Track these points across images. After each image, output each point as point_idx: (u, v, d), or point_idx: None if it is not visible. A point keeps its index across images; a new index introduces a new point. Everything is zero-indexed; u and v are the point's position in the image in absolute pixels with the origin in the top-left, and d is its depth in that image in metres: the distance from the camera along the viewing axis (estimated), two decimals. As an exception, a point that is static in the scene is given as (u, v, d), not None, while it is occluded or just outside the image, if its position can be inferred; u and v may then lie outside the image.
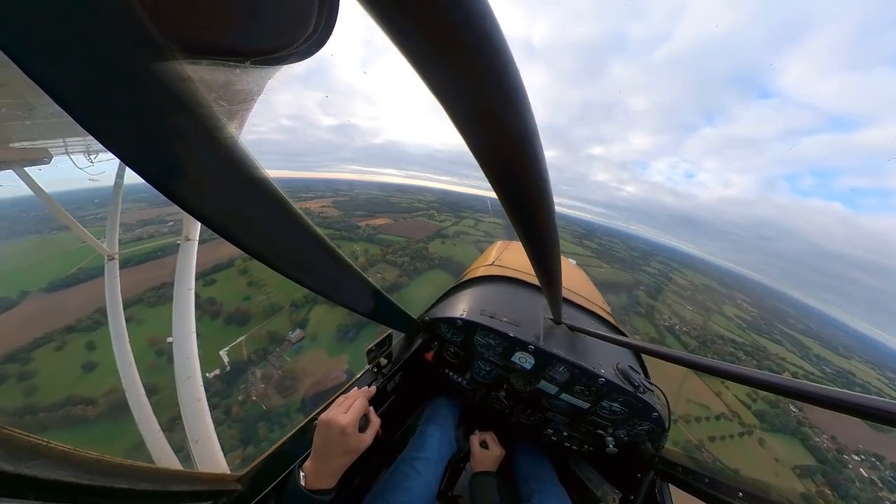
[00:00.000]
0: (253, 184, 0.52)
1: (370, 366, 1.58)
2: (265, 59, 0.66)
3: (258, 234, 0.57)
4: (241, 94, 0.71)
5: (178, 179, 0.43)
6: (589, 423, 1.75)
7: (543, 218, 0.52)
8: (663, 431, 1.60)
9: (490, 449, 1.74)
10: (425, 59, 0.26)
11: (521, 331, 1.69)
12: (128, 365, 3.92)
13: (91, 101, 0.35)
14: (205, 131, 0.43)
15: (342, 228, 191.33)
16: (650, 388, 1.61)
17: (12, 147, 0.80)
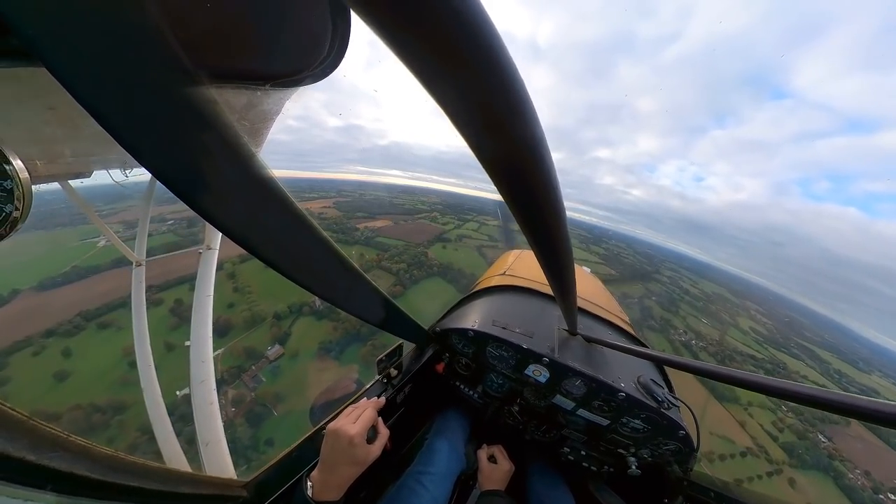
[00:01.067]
0: (270, 197, 0.55)
1: (380, 376, 1.56)
2: (284, 82, 0.71)
3: (274, 245, 0.59)
4: (261, 114, 0.77)
5: (202, 192, 0.47)
6: (609, 441, 1.63)
7: (555, 226, 0.51)
8: (691, 452, 1.46)
9: (499, 463, 1.65)
10: (433, 76, 0.27)
11: (534, 342, 1.63)
12: (147, 367, 4.06)
13: (129, 122, 0.39)
14: (228, 148, 0.47)
15: (339, 230, 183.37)
16: (675, 404, 1.48)
17: (60, 163, 0.89)
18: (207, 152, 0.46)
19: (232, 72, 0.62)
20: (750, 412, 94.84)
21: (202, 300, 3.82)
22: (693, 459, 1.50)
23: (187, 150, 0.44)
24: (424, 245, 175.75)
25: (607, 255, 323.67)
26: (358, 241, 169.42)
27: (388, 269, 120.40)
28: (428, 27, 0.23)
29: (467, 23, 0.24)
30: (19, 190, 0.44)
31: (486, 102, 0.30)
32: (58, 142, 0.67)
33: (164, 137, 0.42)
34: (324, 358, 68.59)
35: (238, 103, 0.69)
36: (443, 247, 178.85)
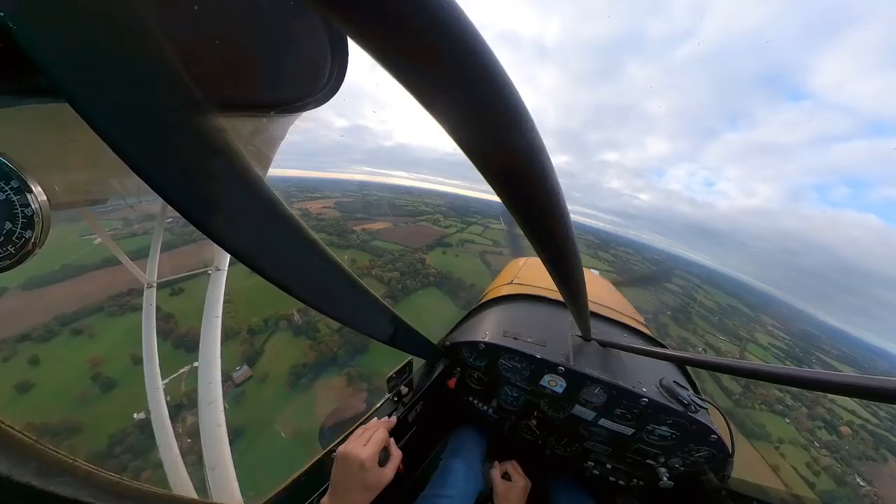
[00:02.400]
0: (277, 218, 0.57)
1: (390, 394, 1.51)
2: (287, 108, 0.76)
3: (282, 265, 0.61)
4: (267, 139, 0.82)
5: (212, 216, 0.49)
6: (635, 451, 1.53)
7: (560, 231, 0.51)
8: (727, 457, 1.36)
9: (514, 480, 1.55)
10: (429, 94, 0.29)
11: (548, 351, 1.58)
12: (155, 389, 4.06)
13: (144, 153, 0.42)
14: (236, 173, 0.50)
15: (335, 233, 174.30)
16: (702, 406, 1.39)
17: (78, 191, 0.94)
18: (217, 178, 0.48)
19: (239, 101, 0.66)
20: (782, 451, 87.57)
21: (210, 321, 3.86)
22: (730, 466, 1.39)
23: (198, 178, 0.47)
24: (423, 250, 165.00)
25: (616, 261, 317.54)
26: (353, 244, 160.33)
27: (380, 278, 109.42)
28: (421, 50, 0.24)
29: (459, 42, 0.25)
30: (39, 216, 0.47)
31: (482, 115, 0.31)
32: (77, 171, 0.71)
33: (176, 166, 0.45)
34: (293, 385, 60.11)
35: (245, 130, 0.73)
36: (442, 252, 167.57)
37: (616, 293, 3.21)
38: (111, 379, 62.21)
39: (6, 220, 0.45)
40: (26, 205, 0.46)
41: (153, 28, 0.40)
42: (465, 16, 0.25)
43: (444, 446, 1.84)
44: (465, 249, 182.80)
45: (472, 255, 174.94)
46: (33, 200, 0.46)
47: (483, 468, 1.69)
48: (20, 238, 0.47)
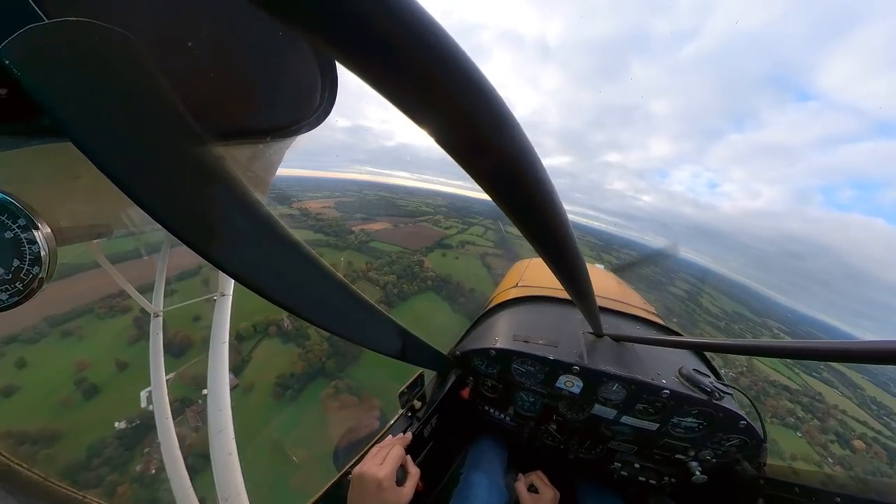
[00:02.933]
0: (278, 242, 0.58)
1: (403, 410, 1.48)
2: (282, 133, 0.78)
3: (285, 287, 0.61)
4: (264, 164, 0.84)
5: (215, 243, 0.50)
6: (663, 447, 1.47)
7: (558, 229, 0.51)
8: (760, 443, 1.31)
9: (541, 493, 1.48)
10: (418, 110, 0.30)
11: (561, 352, 1.54)
12: (164, 419, 4.02)
13: (146, 186, 0.43)
14: (236, 200, 0.51)
15: (333, 233, 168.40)
16: (727, 392, 1.34)
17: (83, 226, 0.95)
18: (218, 206, 0.50)
19: (235, 130, 0.68)
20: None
21: (218, 347, 3.85)
22: (764, 452, 1.32)
23: (200, 206, 0.48)
24: (422, 252, 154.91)
25: (620, 264, 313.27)
26: (350, 245, 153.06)
27: (375, 282, 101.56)
28: (404, 69, 0.26)
29: (442, 59, 0.27)
30: (45, 252, 0.49)
31: (471, 127, 0.32)
32: (82, 206, 0.74)
33: (178, 196, 0.46)
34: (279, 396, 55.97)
35: (243, 157, 0.76)
36: (442, 254, 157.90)
37: (623, 285, 3.17)
38: (95, 385, 60.02)
39: (14, 258, 0.47)
40: (33, 242, 0.47)
41: (150, 66, 0.42)
42: (445, 32, 0.26)
43: (464, 460, 1.78)
44: (465, 251, 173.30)
45: (472, 257, 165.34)
46: (40, 237, 0.48)
47: (505, 480, 1.63)
48: (28, 275, 0.48)
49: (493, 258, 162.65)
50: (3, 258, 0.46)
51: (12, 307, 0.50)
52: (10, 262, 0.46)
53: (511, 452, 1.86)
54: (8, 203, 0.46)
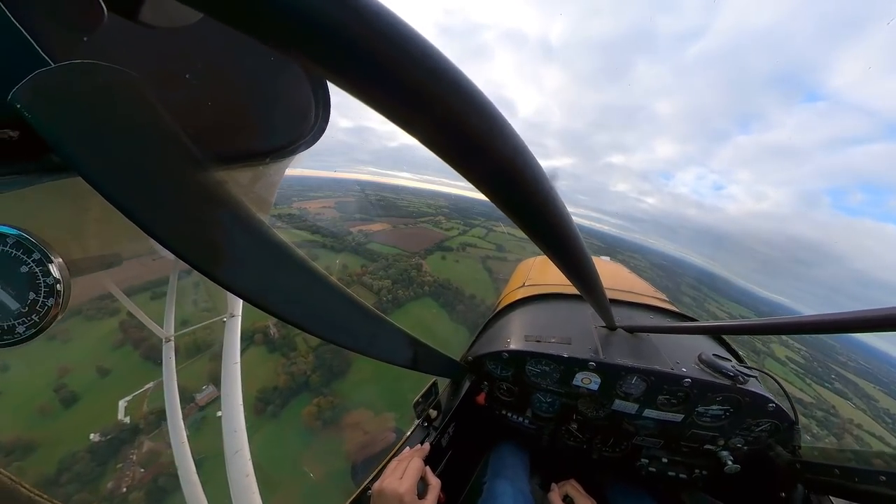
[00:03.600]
0: (284, 260, 0.59)
1: (419, 420, 1.45)
2: (281, 153, 0.81)
3: (293, 304, 0.62)
4: (265, 184, 0.87)
5: (222, 265, 0.51)
6: (690, 439, 1.42)
7: (560, 224, 0.51)
8: (791, 425, 1.25)
9: (577, 503, 1.41)
10: (409, 120, 0.30)
11: (575, 348, 1.51)
12: (180, 443, 4.03)
13: (154, 215, 0.45)
14: (240, 221, 0.53)
15: (330, 234, 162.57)
16: (751, 375, 1.29)
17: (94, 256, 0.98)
18: (223, 228, 0.51)
19: (236, 154, 0.71)
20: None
21: (230, 368, 3.88)
22: (797, 434, 1.26)
23: (206, 230, 0.50)
24: (421, 254, 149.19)
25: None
26: (346, 247, 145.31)
27: (369, 286, 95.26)
28: (396, 84, 0.27)
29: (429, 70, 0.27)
30: (60, 285, 0.50)
31: (462, 132, 0.32)
32: (92, 238, 0.76)
33: (184, 222, 0.48)
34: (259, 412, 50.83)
35: (244, 179, 0.78)
36: (441, 257, 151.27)
37: (632, 275, 3.13)
38: (74, 393, 56.90)
39: (30, 291, 0.48)
40: (48, 275, 0.49)
41: (152, 100, 0.44)
42: (429, 43, 0.27)
43: (485, 468, 1.73)
44: (466, 254, 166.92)
45: (473, 260, 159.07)
46: (54, 270, 0.49)
47: (530, 485, 1.57)
48: (43, 307, 0.49)
49: (495, 261, 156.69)
50: (20, 293, 0.48)
51: (30, 339, 0.51)
52: (26, 296, 0.48)
53: (533, 456, 1.81)
54: (23, 239, 0.48)
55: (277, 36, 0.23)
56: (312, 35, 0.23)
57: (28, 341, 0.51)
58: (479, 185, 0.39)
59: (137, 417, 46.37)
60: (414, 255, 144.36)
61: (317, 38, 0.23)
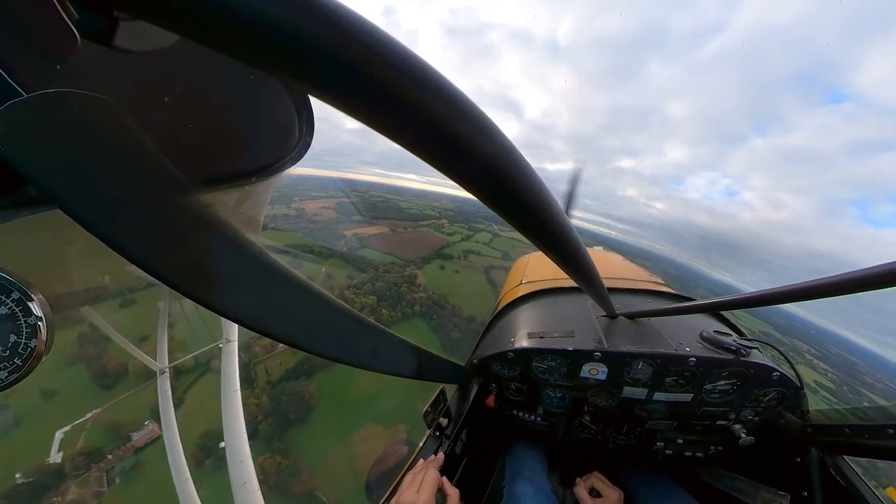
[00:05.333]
0: (277, 280, 0.58)
1: (430, 430, 1.43)
2: (267, 172, 0.80)
3: (291, 325, 0.61)
4: (253, 204, 0.86)
5: (215, 291, 0.49)
6: (702, 417, 1.45)
7: (552, 219, 0.51)
8: (798, 391, 1.29)
9: (605, 495, 1.42)
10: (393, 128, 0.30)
11: (578, 341, 1.52)
12: (183, 480, 3.89)
13: (138, 243, 0.43)
14: (230, 244, 0.51)
15: (320, 238, 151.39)
16: (752, 346, 1.33)
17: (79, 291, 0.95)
18: (213, 252, 0.50)
19: (221, 176, 0.70)
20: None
21: (230, 396, 3.77)
22: (805, 399, 1.30)
23: (195, 256, 0.48)
24: (417, 263, 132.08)
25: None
26: (336, 253, 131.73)
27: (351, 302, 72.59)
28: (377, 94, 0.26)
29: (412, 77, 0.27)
30: (43, 324, 0.48)
31: (448, 136, 0.32)
32: (76, 271, 0.73)
33: (171, 249, 0.46)
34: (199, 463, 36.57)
35: (231, 200, 0.77)
36: (440, 267, 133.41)
37: (627, 263, 3.18)
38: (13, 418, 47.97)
39: (10, 334, 0.46)
40: (29, 314, 0.47)
41: (130, 126, 0.43)
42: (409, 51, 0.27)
43: (502, 471, 1.73)
44: (467, 263, 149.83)
45: (475, 270, 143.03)
46: (36, 309, 0.47)
47: (550, 483, 1.57)
48: (26, 349, 0.47)
49: (500, 272, 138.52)
50: (1, 335, 0.45)
51: (13, 384, 0.48)
52: (6, 338, 0.46)
53: (549, 453, 1.81)
54: (1, 279, 0.45)
55: (255, 55, 0.23)
56: (291, 52, 0.23)
57: (12, 386, 0.49)
58: (468, 187, 0.39)
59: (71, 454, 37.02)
60: (409, 263, 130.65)
61: (296, 56, 0.23)
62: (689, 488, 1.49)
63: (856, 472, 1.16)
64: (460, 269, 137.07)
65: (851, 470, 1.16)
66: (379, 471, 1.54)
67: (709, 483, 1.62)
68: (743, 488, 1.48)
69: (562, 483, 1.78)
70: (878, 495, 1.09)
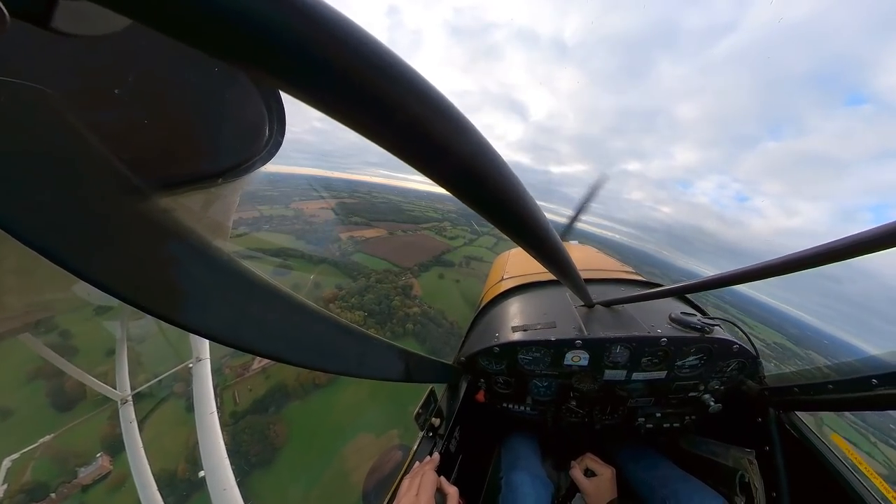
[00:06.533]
0: (252, 288, 0.54)
1: (423, 431, 1.45)
2: (235, 172, 0.74)
3: (268, 336, 0.58)
4: (220, 207, 0.79)
5: (180, 306, 0.45)
6: (676, 391, 1.60)
7: (530, 216, 0.53)
8: (755, 360, 1.46)
9: (599, 473, 1.51)
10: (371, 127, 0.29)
11: (560, 330, 1.60)
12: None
13: (84, 253, 0.38)
14: (195, 252, 0.47)
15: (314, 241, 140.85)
16: (714, 324, 1.49)
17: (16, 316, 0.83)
18: (175, 263, 0.45)
19: (183, 177, 0.63)
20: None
21: (205, 420, 3.50)
22: (761, 367, 1.48)
23: (154, 267, 0.43)
24: (413, 270, 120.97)
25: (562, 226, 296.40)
26: (328, 258, 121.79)
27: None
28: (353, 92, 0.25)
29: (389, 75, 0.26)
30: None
31: (426, 136, 0.32)
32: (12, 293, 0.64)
33: (127, 262, 0.41)
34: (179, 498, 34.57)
35: (195, 204, 0.70)
36: (439, 276, 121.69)
37: (601, 255, 3.37)
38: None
39: None
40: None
41: (73, 121, 0.38)
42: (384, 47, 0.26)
43: (498, 462, 1.79)
44: (469, 271, 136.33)
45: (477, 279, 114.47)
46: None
47: (545, 469, 1.65)
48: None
49: None
50: None
51: None
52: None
53: (541, 441, 1.90)
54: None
55: (219, 45, 0.21)
56: (259, 44, 0.21)
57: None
58: (446, 186, 0.40)
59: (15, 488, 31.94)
60: (405, 271, 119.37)
61: (265, 47, 0.21)
62: (670, 456, 1.67)
63: (807, 424, 1.33)
64: (461, 278, 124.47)
65: (803, 423, 1.34)
66: (375, 479, 1.52)
67: (687, 449, 1.79)
68: (716, 450, 1.65)
69: (556, 468, 1.87)
70: (825, 442, 1.27)
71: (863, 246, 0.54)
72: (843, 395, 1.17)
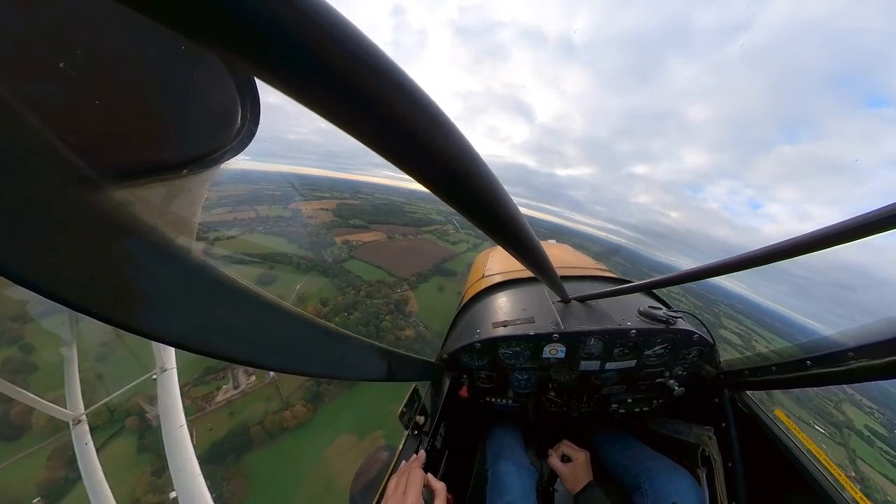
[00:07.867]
0: (221, 289, 0.50)
1: (408, 430, 1.47)
2: (202, 164, 0.68)
3: (239, 341, 0.54)
4: (185, 201, 0.72)
5: (137, 311, 0.41)
6: (644, 378, 1.75)
7: (509, 216, 0.54)
8: (712, 347, 1.62)
9: (574, 458, 1.63)
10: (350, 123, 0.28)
11: (538, 326, 1.69)
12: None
13: (27, 254, 0.33)
14: (155, 251, 0.42)
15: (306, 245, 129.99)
16: (677, 316, 1.64)
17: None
18: (131, 263, 0.40)
19: (142, 167, 0.57)
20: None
21: (174, 434, 3.25)
22: (717, 353, 1.66)
23: (106, 268, 0.38)
24: (410, 281, 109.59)
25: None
26: (318, 266, 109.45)
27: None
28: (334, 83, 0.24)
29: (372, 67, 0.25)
30: None
31: (407, 133, 0.31)
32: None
33: (75, 262, 0.36)
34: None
35: (156, 197, 0.64)
36: (439, 287, 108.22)
37: (576, 253, 3.56)
38: None
39: None
40: None
41: (7, 98, 0.32)
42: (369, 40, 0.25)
43: (484, 455, 1.86)
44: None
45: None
46: None
47: (529, 458, 1.74)
48: None
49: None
50: None
51: None
52: None
53: (524, 431, 2.00)
54: None
55: (184, 21, 0.18)
56: (231, 22, 0.18)
57: None
58: (427, 185, 0.40)
59: None
60: (401, 282, 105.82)
61: (237, 27, 0.18)
62: (640, 437, 1.84)
63: (755, 402, 1.50)
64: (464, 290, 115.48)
65: (752, 401, 1.50)
66: (362, 483, 1.49)
67: (655, 430, 1.98)
68: (681, 429, 1.83)
69: (539, 456, 1.98)
70: (770, 417, 1.44)
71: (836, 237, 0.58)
72: (784, 376, 1.32)
